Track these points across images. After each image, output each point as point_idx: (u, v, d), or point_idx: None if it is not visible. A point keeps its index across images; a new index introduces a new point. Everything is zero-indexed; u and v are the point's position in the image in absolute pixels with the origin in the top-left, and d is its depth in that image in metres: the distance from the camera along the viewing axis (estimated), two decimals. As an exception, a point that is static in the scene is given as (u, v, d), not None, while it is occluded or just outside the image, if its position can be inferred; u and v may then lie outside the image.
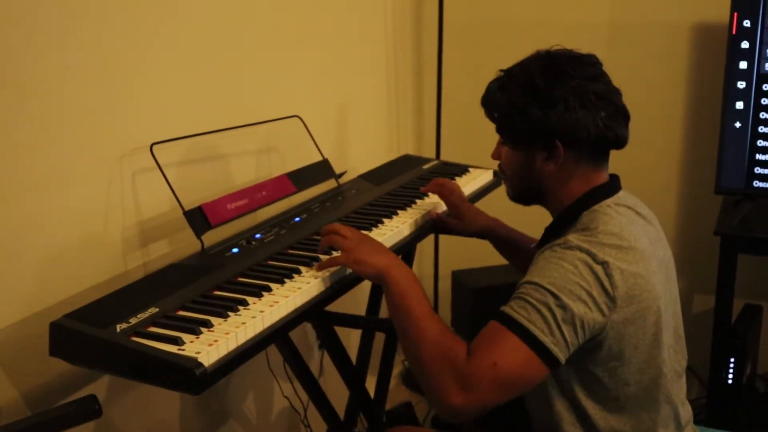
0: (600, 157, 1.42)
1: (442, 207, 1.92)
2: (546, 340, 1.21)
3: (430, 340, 1.27)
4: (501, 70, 1.46)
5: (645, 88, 2.70)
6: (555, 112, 1.35)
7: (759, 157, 2.34)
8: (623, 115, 1.40)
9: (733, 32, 2.31)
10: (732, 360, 2.35)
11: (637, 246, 1.31)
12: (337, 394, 2.00)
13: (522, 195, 1.51)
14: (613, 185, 1.43)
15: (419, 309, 1.32)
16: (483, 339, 1.25)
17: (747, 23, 2.29)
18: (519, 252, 1.80)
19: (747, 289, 2.60)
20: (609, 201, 1.38)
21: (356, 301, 2.30)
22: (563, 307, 1.23)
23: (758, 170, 2.35)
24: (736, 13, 2.30)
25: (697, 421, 1.57)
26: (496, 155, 1.53)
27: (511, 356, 1.21)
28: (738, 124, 2.35)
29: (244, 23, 2.02)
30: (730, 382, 2.36)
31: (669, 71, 2.72)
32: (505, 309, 1.26)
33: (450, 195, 1.88)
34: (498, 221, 1.87)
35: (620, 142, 1.41)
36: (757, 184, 2.36)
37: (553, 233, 1.40)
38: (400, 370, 3.12)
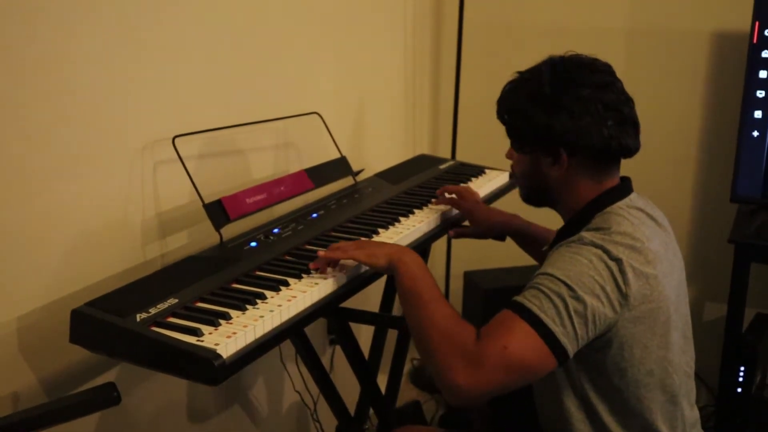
0: (610, 162, 1.42)
1: (454, 211, 1.93)
2: (556, 330, 1.22)
3: (439, 321, 1.28)
4: (517, 72, 1.47)
5: (663, 95, 2.70)
6: (559, 120, 1.36)
7: (776, 166, 2.34)
8: (632, 125, 1.40)
9: (754, 41, 2.30)
10: (742, 368, 2.34)
11: (650, 247, 1.32)
12: (347, 390, 2.02)
13: (532, 197, 1.53)
14: (624, 188, 1.43)
15: (429, 293, 1.34)
16: (494, 324, 1.26)
17: (768, 32, 2.29)
18: (539, 246, 1.79)
19: (759, 298, 2.60)
20: (621, 203, 1.39)
21: (369, 298, 2.31)
22: (577, 298, 1.23)
23: (775, 180, 2.35)
24: (757, 22, 2.29)
25: (707, 429, 1.58)
26: (509, 155, 1.55)
27: (522, 342, 1.22)
28: (756, 133, 2.35)
29: (266, 20, 2.03)
30: (739, 390, 2.36)
31: (688, 79, 2.71)
32: (518, 298, 1.27)
33: (462, 203, 1.91)
34: (516, 217, 1.88)
35: (627, 152, 1.41)
36: (773, 193, 2.36)
37: (565, 235, 1.40)
38: (408, 369, 3.13)
